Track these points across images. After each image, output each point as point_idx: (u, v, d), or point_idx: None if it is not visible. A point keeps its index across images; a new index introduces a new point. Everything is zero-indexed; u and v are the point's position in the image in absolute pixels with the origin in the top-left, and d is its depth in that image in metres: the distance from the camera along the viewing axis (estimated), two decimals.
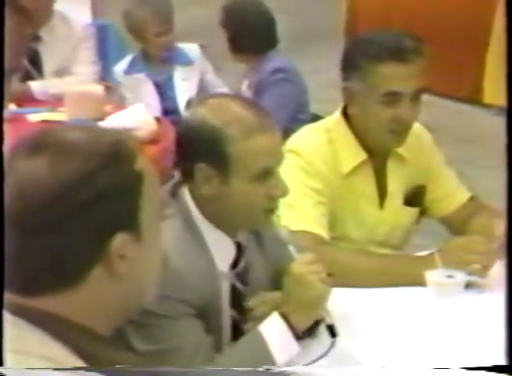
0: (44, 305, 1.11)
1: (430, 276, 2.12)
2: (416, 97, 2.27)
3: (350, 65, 2.33)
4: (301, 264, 1.77)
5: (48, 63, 4.07)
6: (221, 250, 1.82)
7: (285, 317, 1.73)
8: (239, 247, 1.86)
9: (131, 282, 1.16)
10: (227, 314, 1.84)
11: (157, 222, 1.20)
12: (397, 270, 2.21)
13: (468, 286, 2.14)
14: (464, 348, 1.91)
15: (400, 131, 2.30)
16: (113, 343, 1.18)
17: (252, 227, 1.87)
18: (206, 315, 1.78)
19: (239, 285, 1.86)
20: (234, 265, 1.85)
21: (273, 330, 1.73)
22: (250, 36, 3.73)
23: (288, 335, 1.72)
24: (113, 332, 1.20)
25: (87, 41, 4.18)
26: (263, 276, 1.91)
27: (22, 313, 1.11)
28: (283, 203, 2.35)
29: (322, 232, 2.29)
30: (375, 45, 2.29)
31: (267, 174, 1.77)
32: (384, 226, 2.45)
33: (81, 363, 1.10)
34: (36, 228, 1.09)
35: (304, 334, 1.79)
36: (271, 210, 1.81)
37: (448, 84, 6.32)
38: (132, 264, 1.14)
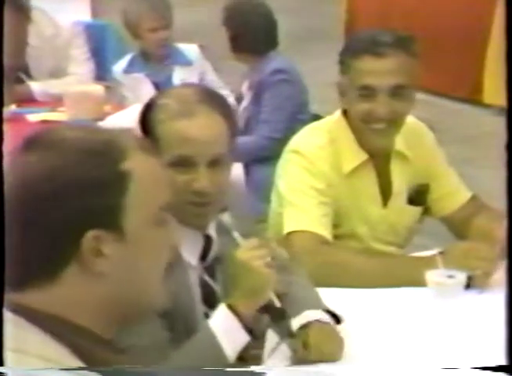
0: (31, 299, 1.12)
1: (431, 276, 2.11)
2: (395, 93, 2.25)
3: (339, 62, 2.35)
4: (245, 250, 1.71)
5: (36, 65, 4.01)
6: (187, 242, 1.78)
7: (231, 307, 1.69)
8: (208, 240, 1.83)
9: (121, 283, 1.15)
10: (200, 309, 1.81)
11: (151, 225, 1.17)
12: (397, 271, 2.21)
13: (468, 286, 2.14)
14: (464, 349, 1.91)
15: (383, 128, 2.29)
16: (112, 345, 1.18)
17: (187, 221, 1.78)
18: (177, 311, 1.73)
19: (208, 279, 1.83)
20: (203, 258, 1.83)
21: (220, 322, 1.69)
22: (251, 36, 3.73)
23: (236, 325, 1.68)
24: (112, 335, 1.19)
25: (77, 40, 4.11)
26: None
27: (21, 312, 1.11)
28: (285, 202, 2.36)
29: (325, 232, 2.29)
30: (354, 41, 2.33)
31: (186, 163, 1.73)
32: (387, 225, 2.45)
33: (79, 364, 1.09)
34: (17, 221, 1.11)
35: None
36: (198, 203, 1.75)
37: (448, 84, 6.32)
38: (116, 264, 1.13)
